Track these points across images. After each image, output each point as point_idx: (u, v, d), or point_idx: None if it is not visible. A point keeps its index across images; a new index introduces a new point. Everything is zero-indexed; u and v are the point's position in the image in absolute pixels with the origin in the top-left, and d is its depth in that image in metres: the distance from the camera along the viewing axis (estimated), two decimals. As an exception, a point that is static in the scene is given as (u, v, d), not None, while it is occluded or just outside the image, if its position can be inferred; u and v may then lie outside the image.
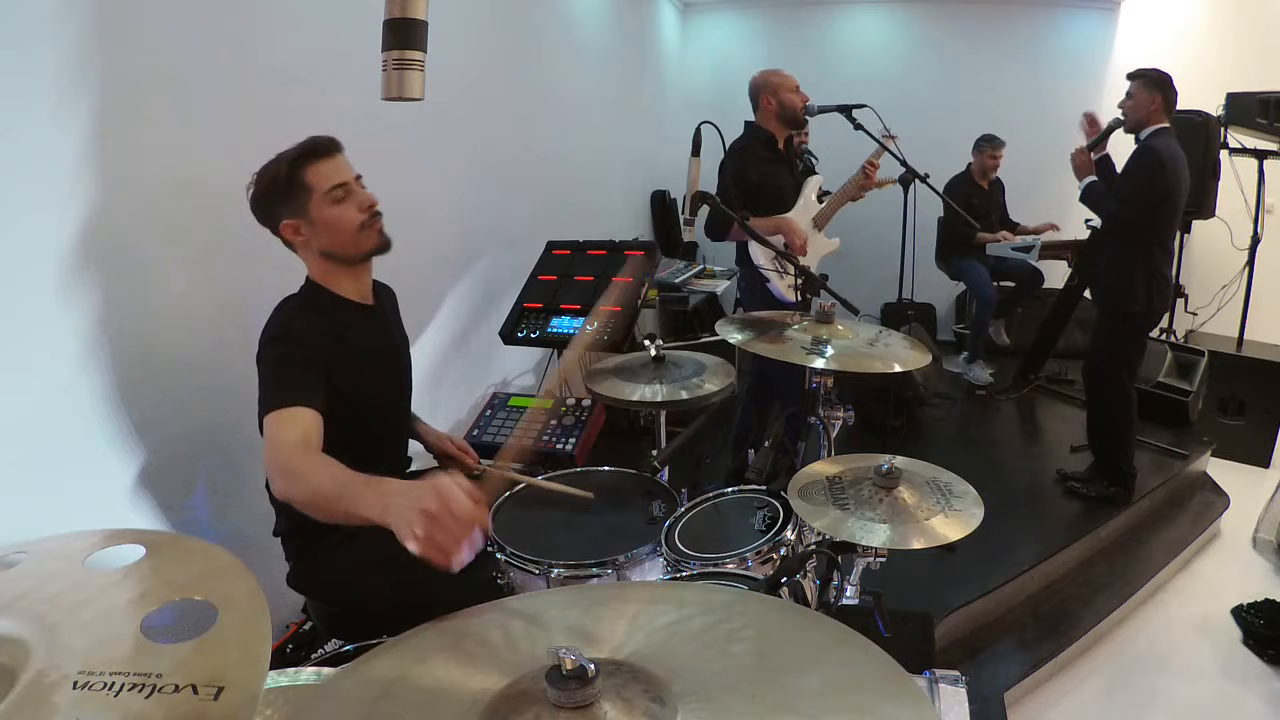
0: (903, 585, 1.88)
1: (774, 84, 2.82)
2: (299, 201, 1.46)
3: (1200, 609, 2.72)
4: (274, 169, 1.46)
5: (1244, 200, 3.89)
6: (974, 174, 4.52)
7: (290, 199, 1.46)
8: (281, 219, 1.48)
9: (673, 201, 5.38)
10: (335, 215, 1.47)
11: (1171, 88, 2.74)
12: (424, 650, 0.78)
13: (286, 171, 1.44)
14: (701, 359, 2.02)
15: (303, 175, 1.45)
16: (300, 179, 1.45)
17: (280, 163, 1.46)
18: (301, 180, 1.45)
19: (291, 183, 1.45)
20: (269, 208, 1.48)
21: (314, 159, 1.46)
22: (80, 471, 1.54)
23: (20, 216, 1.41)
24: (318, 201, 1.46)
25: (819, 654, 0.74)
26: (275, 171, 1.45)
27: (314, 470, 1.20)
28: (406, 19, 1.45)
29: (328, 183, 1.46)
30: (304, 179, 1.45)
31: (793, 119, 2.83)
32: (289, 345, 1.42)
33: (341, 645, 1.59)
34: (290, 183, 1.44)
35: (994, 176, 4.57)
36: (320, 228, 1.48)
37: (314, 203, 1.46)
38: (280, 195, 1.46)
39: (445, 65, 2.00)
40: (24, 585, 0.75)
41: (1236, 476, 3.62)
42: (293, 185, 1.45)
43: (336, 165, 1.49)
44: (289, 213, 1.47)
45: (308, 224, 1.47)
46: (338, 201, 1.47)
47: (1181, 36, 4.69)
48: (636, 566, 1.46)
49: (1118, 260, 2.85)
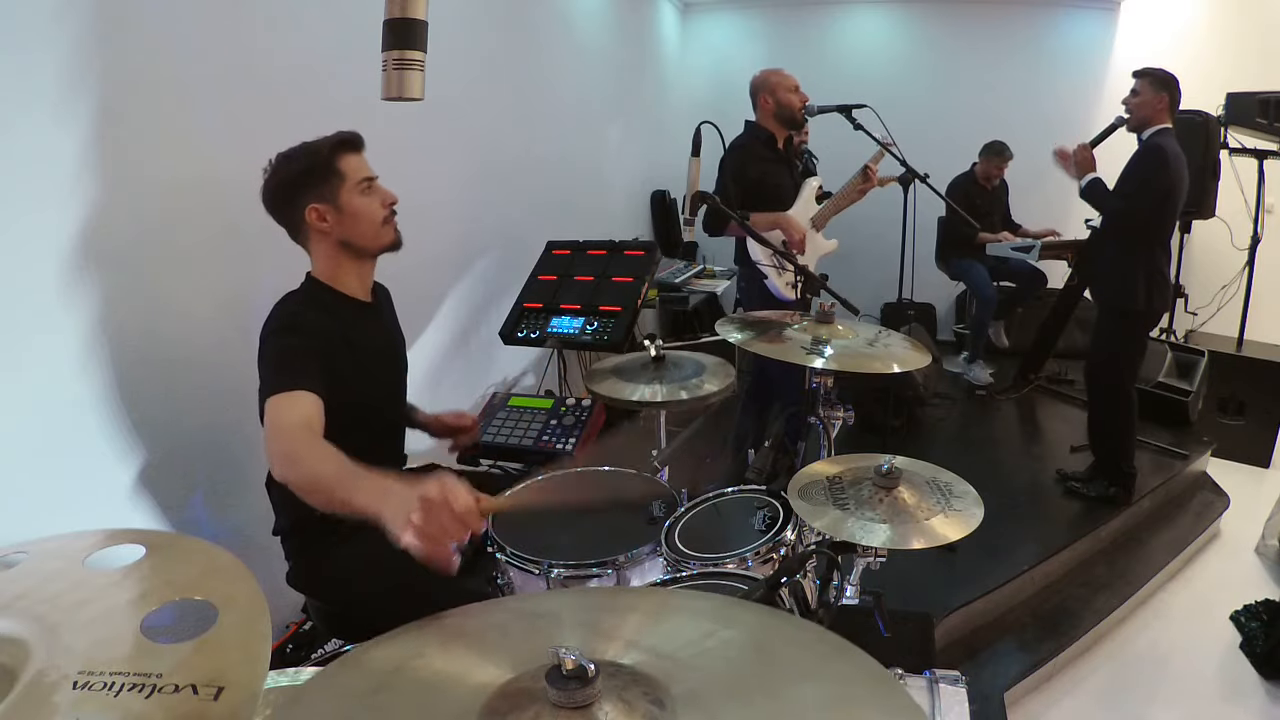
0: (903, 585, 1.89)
1: (772, 83, 2.83)
2: (331, 187, 1.48)
3: (1200, 609, 2.72)
4: (311, 150, 1.48)
5: (1244, 200, 3.89)
6: (978, 176, 4.52)
7: (323, 183, 1.48)
8: (309, 202, 1.48)
9: (673, 201, 5.37)
10: (363, 205, 1.51)
11: (1178, 89, 2.74)
12: (421, 645, 0.78)
13: (325, 156, 1.47)
14: (701, 359, 2.02)
15: (337, 163, 1.49)
16: (335, 165, 1.48)
17: (318, 146, 1.48)
18: (336, 167, 1.48)
19: (327, 167, 1.48)
20: (298, 189, 1.49)
21: (348, 149, 1.51)
22: (80, 471, 1.54)
23: (20, 216, 1.41)
24: (349, 190, 1.50)
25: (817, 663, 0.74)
26: (314, 154, 1.48)
27: (315, 455, 1.19)
28: (406, 19, 1.45)
29: (358, 174, 1.51)
30: (339, 166, 1.49)
31: (790, 119, 2.84)
32: (292, 335, 1.43)
33: (341, 645, 1.59)
34: (327, 166, 1.48)
35: (997, 182, 4.57)
36: (347, 215, 1.50)
37: (345, 190, 1.49)
38: (316, 178, 1.48)
39: (445, 65, 2.00)
40: (24, 585, 0.75)
41: (1236, 476, 3.62)
42: (328, 170, 1.48)
43: (363, 161, 1.53)
44: (319, 196, 1.48)
45: (335, 210, 1.49)
46: (364, 193, 1.51)
47: (1181, 36, 4.69)
48: (636, 566, 1.46)
49: (1118, 259, 2.85)
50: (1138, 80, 2.78)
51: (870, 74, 5.47)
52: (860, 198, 2.94)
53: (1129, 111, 2.81)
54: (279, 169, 1.49)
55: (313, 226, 1.50)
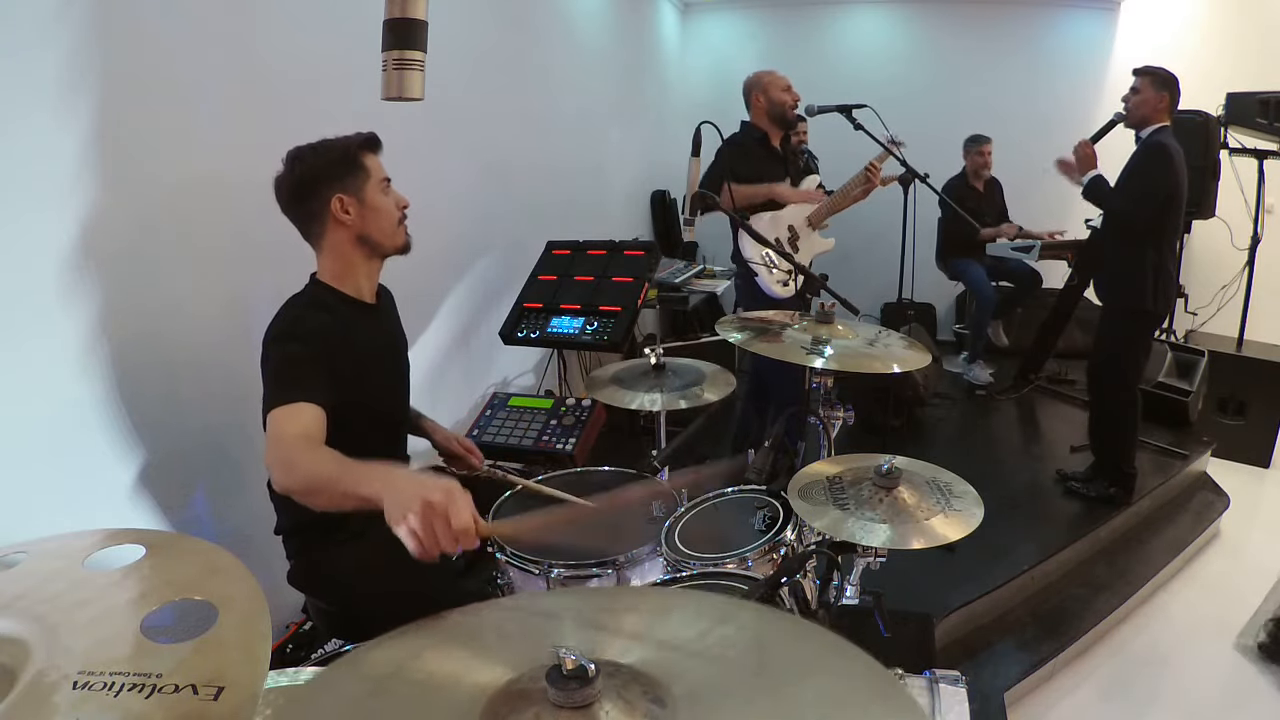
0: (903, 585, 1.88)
1: (765, 82, 2.87)
2: (358, 180, 1.51)
3: (1200, 609, 2.72)
4: (339, 145, 1.51)
5: (1244, 200, 3.89)
6: (968, 176, 4.51)
7: (350, 175, 1.51)
8: (336, 193, 1.50)
9: (673, 201, 5.37)
10: (384, 203, 1.55)
11: (1178, 89, 2.74)
12: (422, 645, 0.78)
13: (353, 151, 1.51)
14: (701, 366, 2.02)
15: (363, 158, 1.52)
16: (361, 161, 1.52)
17: (346, 142, 1.52)
18: (362, 162, 1.52)
19: (356, 161, 1.51)
20: (325, 180, 1.50)
21: (372, 148, 1.55)
22: (80, 471, 1.54)
23: (20, 216, 1.41)
24: (372, 186, 1.53)
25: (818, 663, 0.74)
26: (343, 148, 1.51)
27: (311, 458, 1.21)
28: (406, 19, 1.45)
29: (380, 173, 1.55)
30: (364, 162, 1.52)
31: (782, 117, 2.87)
32: (294, 343, 1.43)
33: (341, 645, 1.59)
34: (355, 160, 1.51)
35: (988, 176, 4.56)
36: (369, 210, 1.53)
37: (369, 187, 1.52)
38: (344, 169, 1.50)
39: (445, 65, 2.00)
40: (24, 585, 0.75)
41: (1236, 476, 3.61)
42: (355, 164, 1.51)
43: (380, 162, 1.57)
44: (344, 188, 1.50)
45: (358, 204, 1.52)
46: (384, 193, 1.55)
47: (1181, 36, 4.69)
48: (636, 566, 1.46)
49: (1126, 258, 2.82)
50: (1139, 78, 2.77)
51: (870, 74, 5.47)
52: (864, 197, 2.95)
53: (1128, 109, 2.80)
54: (305, 159, 1.49)
55: (334, 217, 1.51)
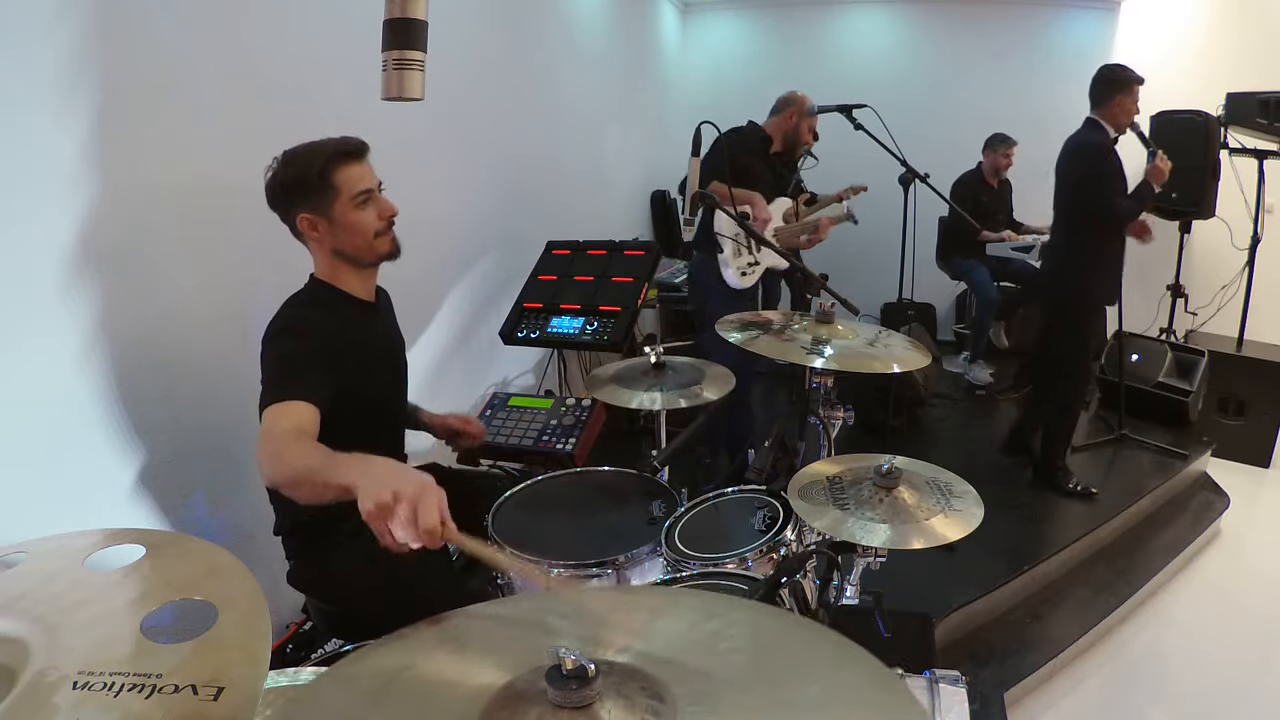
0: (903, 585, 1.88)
1: (804, 109, 3.00)
2: (324, 200, 1.47)
3: (1200, 609, 2.72)
4: (305, 161, 1.45)
5: (1244, 200, 3.89)
6: (985, 173, 4.50)
7: (315, 196, 1.47)
8: (300, 213, 1.48)
9: (673, 201, 5.36)
10: (356, 220, 1.49)
11: None
12: (421, 646, 0.78)
13: (319, 169, 1.45)
14: (701, 365, 2.02)
15: (332, 176, 1.46)
16: (329, 179, 1.46)
17: (314, 157, 1.45)
18: (330, 181, 1.46)
19: (321, 180, 1.45)
20: (290, 199, 1.48)
21: (345, 160, 1.48)
22: (80, 471, 1.54)
23: (20, 216, 1.41)
24: (342, 204, 1.48)
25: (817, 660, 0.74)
26: (307, 165, 1.45)
27: (297, 450, 1.19)
28: (406, 19, 1.44)
29: (354, 188, 1.48)
30: (333, 180, 1.46)
31: (795, 143, 3.04)
32: (293, 341, 1.42)
33: (341, 645, 1.59)
34: (320, 180, 1.45)
35: (1004, 176, 4.57)
36: (339, 228, 1.49)
37: (339, 205, 1.47)
38: (306, 191, 1.46)
39: (445, 65, 2.00)
40: (24, 585, 0.75)
41: (1236, 476, 3.61)
42: (321, 183, 1.46)
43: (364, 170, 1.50)
44: (310, 208, 1.47)
45: (327, 223, 1.49)
46: (359, 207, 1.49)
47: (1182, 36, 4.68)
48: (636, 566, 1.46)
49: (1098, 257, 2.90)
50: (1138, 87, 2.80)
51: (870, 74, 5.46)
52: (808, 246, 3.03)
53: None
54: (277, 172, 1.48)
55: (305, 234, 1.51)
